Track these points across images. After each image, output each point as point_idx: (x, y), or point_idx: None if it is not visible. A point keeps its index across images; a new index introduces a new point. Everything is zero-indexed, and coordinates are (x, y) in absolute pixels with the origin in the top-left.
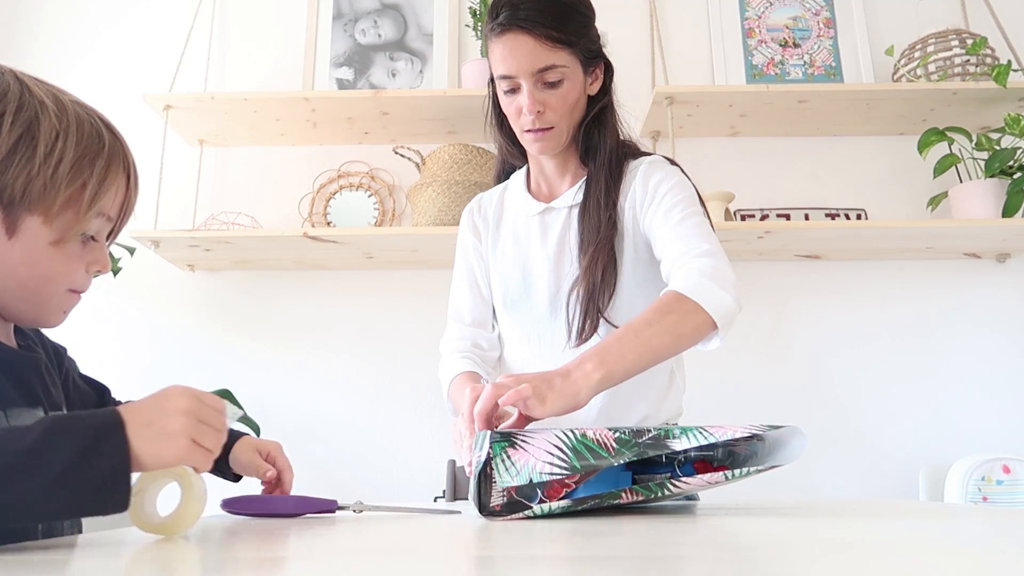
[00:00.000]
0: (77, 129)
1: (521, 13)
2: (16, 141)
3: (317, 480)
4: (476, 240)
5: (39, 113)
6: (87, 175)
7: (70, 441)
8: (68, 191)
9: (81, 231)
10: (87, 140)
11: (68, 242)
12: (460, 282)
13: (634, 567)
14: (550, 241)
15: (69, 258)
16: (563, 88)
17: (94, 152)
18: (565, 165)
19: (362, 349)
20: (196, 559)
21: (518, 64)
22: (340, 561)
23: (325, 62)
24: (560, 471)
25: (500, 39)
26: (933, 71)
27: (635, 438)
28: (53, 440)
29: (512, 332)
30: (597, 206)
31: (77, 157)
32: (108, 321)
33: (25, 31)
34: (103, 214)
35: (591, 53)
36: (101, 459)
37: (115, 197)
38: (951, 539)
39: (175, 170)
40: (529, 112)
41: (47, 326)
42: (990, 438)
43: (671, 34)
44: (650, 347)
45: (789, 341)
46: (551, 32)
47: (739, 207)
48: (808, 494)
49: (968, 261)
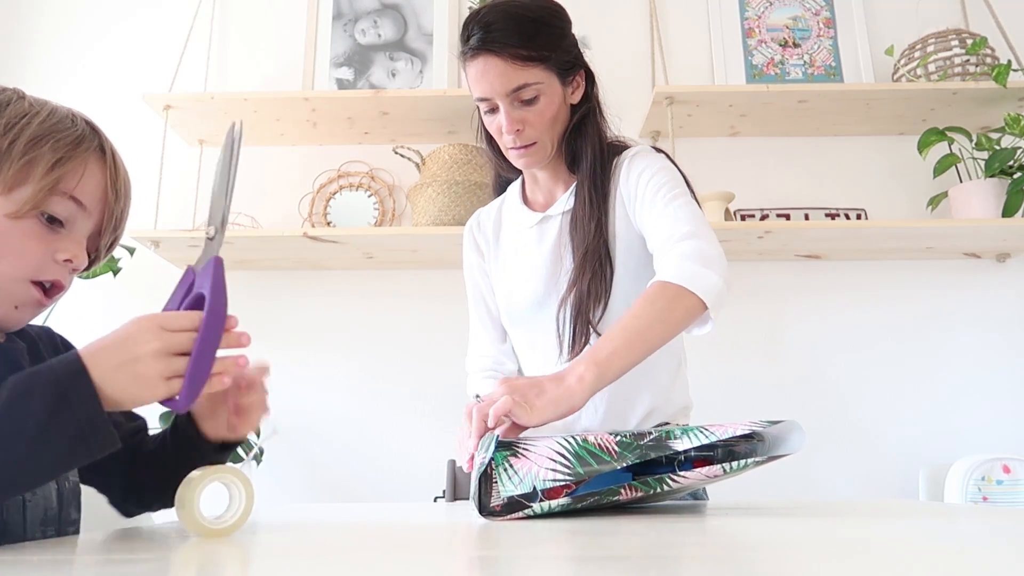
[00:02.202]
0: (48, 115)
1: (489, 35)
2: None
3: (317, 480)
4: (479, 258)
5: (12, 101)
6: (45, 148)
7: (37, 400)
8: (23, 160)
9: (38, 206)
10: (54, 121)
11: (25, 218)
12: (473, 302)
13: (634, 567)
14: (545, 249)
15: (27, 237)
16: (540, 104)
17: (60, 132)
18: (557, 173)
19: (362, 349)
20: (194, 557)
21: (491, 87)
22: (340, 560)
23: (325, 62)
24: (564, 478)
25: (472, 63)
26: (933, 71)
27: (636, 441)
28: (20, 403)
29: (520, 343)
30: (584, 215)
31: (38, 134)
32: (108, 321)
33: (26, 32)
34: (67, 194)
35: (567, 64)
36: (73, 410)
37: (82, 179)
38: (951, 539)
39: (175, 170)
40: (508, 132)
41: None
42: (990, 438)
43: (671, 34)
44: (641, 338)
45: (789, 341)
46: (520, 52)
47: (739, 207)
48: (808, 494)
49: (968, 261)
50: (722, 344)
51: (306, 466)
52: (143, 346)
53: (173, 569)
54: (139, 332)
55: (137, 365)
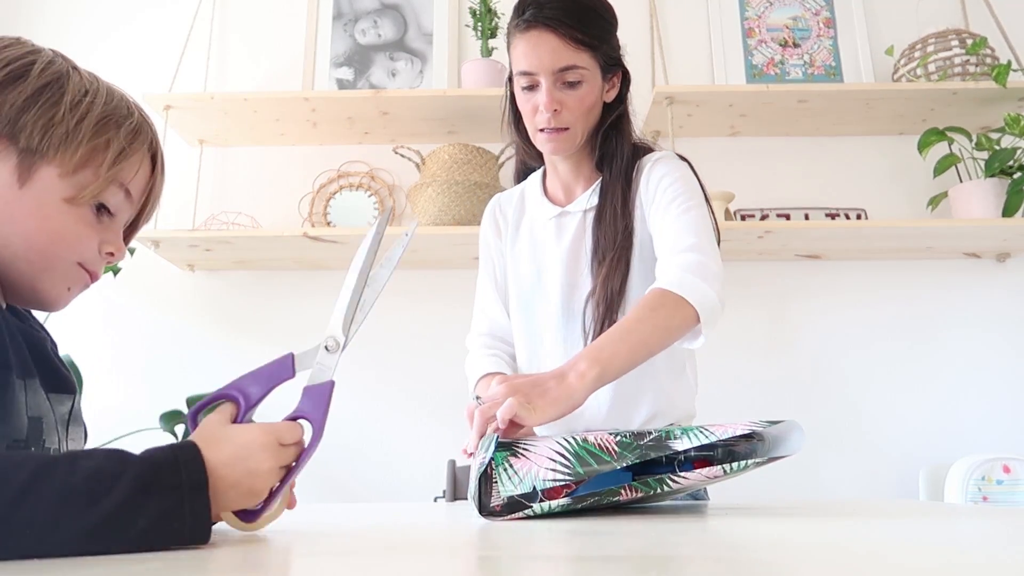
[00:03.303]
0: (108, 94)
1: (547, 11)
2: (43, 86)
3: (317, 480)
4: (496, 238)
5: (70, 72)
6: (112, 134)
7: (154, 503)
8: (90, 144)
9: (97, 196)
10: (116, 105)
11: (83, 204)
12: (484, 278)
13: (634, 567)
14: (564, 244)
15: (81, 223)
16: (581, 90)
17: (121, 116)
18: (579, 168)
19: (362, 349)
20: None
21: (540, 61)
22: (340, 560)
23: (325, 62)
24: (564, 478)
25: (524, 35)
26: (933, 71)
27: (636, 440)
28: (138, 500)
29: (522, 330)
30: (614, 215)
31: (104, 115)
32: (108, 321)
33: (26, 32)
34: (123, 186)
35: (611, 60)
36: (182, 523)
37: (138, 172)
38: (951, 539)
39: (175, 170)
40: (546, 110)
41: (47, 303)
42: (990, 438)
43: (671, 34)
44: (642, 342)
45: (789, 341)
46: (575, 33)
47: (739, 207)
48: (808, 494)
49: (968, 261)
50: (722, 344)
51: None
52: (263, 463)
53: (175, 570)
54: (261, 449)
55: (255, 481)
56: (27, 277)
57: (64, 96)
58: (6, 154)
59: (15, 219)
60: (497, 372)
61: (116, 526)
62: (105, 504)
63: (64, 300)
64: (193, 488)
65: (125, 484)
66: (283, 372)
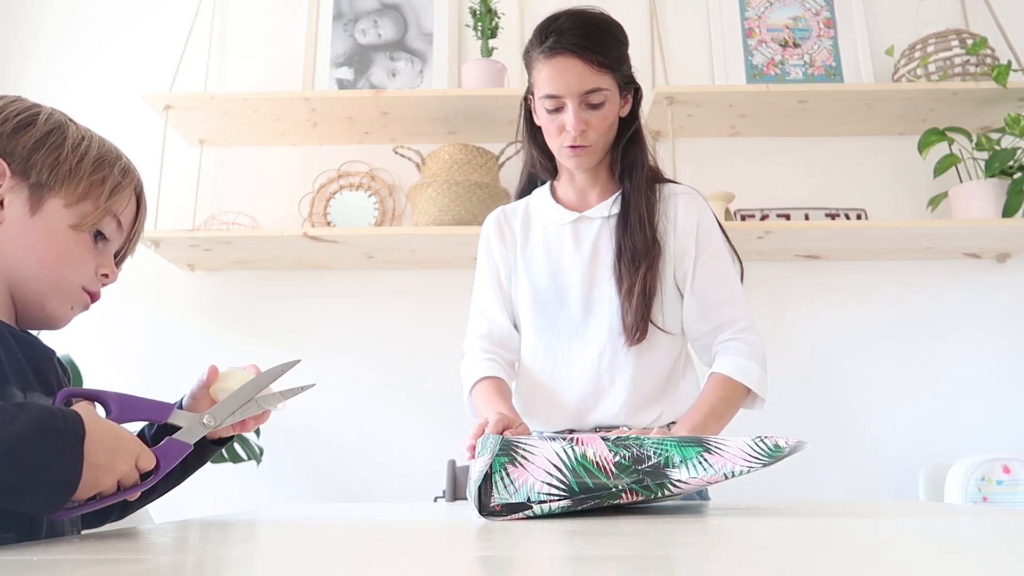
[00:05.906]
0: (99, 142)
1: (570, 37)
2: (48, 131)
3: (317, 480)
4: (502, 245)
5: (68, 121)
6: (107, 171)
7: (51, 441)
8: (89, 180)
9: (96, 223)
10: (108, 148)
11: (84, 230)
12: (485, 283)
13: (634, 567)
14: (584, 248)
15: (83, 247)
16: (604, 110)
17: (114, 157)
18: (596, 178)
19: (362, 349)
20: (194, 557)
21: (567, 85)
22: (340, 561)
23: (325, 62)
24: (558, 492)
25: (549, 61)
26: (933, 71)
27: (635, 464)
28: (42, 437)
29: (537, 333)
30: (640, 221)
31: (100, 155)
32: (108, 320)
33: (26, 32)
34: (116, 217)
35: (627, 79)
36: (62, 465)
37: (127, 206)
38: (951, 539)
39: (175, 170)
40: (573, 130)
41: (52, 321)
42: (990, 438)
43: (671, 34)
44: (725, 420)
45: (789, 341)
46: (598, 57)
47: (739, 207)
48: (808, 494)
49: (968, 261)
50: None
51: (306, 466)
52: (120, 462)
53: (173, 569)
54: (127, 451)
55: (109, 470)
56: (38, 295)
57: (66, 140)
58: (19, 188)
59: (28, 244)
60: (493, 376)
61: (20, 454)
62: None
63: (66, 319)
64: (75, 439)
65: (33, 416)
66: (159, 414)
